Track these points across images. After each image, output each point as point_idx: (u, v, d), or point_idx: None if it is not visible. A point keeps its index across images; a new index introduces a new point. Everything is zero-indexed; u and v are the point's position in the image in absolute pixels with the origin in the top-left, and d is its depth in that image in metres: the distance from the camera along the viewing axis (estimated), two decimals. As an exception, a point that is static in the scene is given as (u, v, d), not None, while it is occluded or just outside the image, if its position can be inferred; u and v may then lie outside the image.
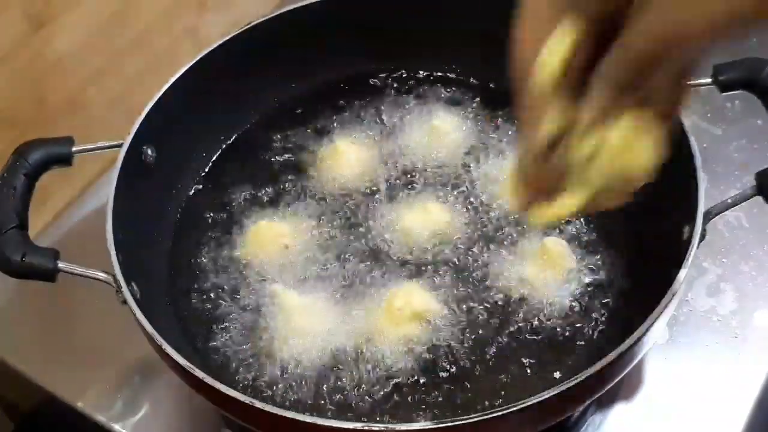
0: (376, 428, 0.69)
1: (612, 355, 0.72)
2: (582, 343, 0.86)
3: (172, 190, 1.02)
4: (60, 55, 1.07)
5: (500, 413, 0.69)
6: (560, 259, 0.90)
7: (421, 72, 1.12)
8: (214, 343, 0.89)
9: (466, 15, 1.06)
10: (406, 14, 1.08)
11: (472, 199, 0.99)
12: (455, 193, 1.00)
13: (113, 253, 0.82)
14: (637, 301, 0.87)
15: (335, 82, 1.12)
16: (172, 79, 0.97)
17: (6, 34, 1.00)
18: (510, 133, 1.05)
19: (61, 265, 0.82)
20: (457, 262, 0.93)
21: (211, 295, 0.93)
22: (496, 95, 1.08)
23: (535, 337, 0.87)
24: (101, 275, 0.82)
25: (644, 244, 0.92)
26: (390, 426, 0.69)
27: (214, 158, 1.06)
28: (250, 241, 0.96)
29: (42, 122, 1.07)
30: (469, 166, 1.02)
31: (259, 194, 1.02)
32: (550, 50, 0.57)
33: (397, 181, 1.02)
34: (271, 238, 0.95)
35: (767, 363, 0.93)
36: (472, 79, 1.10)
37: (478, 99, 1.09)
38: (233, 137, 1.08)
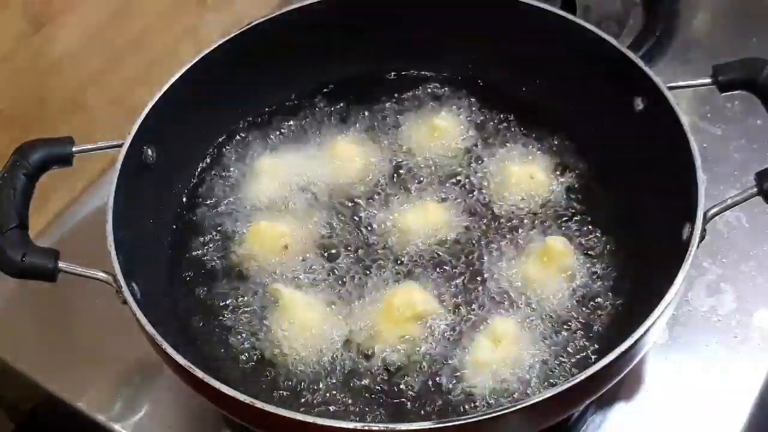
0: (376, 428, 0.69)
1: (612, 355, 0.72)
2: (582, 342, 0.86)
3: (172, 190, 1.02)
4: (60, 55, 1.07)
5: (500, 413, 0.69)
6: (561, 258, 0.90)
7: (420, 72, 1.12)
8: (215, 343, 0.89)
9: (464, 17, 1.06)
10: (404, 15, 1.08)
11: (472, 199, 0.99)
12: (455, 192, 1.00)
13: (113, 253, 0.82)
14: (637, 301, 0.87)
15: (335, 82, 1.12)
16: (172, 79, 0.97)
17: (6, 34, 1.00)
18: (509, 131, 1.05)
19: (61, 265, 0.82)
20: (457, 262, 0.93)
21: (211, 294, 0.93)
22: (495, 95, 1.08)
23: (535, 337, 0.87)
24: (101, 275, 0.82)
25: (644, 244, 0.92)
26: (390, 426, 0.69)
27: (214, 158, 1.06)
28: (250, 241, 0.96)
29: (42, 122, 1.07)
30: (469, 166, 1.02)
31: (260, 194, 1.02)
32: None
33: (397, 181, 1.02)
34: (271, 238, 0.95)
35: (767, 363, 0.93)
36: (471, 79, 1.10)
37: (477, 99, 1.09)
38: (233, 137, 1.08)
